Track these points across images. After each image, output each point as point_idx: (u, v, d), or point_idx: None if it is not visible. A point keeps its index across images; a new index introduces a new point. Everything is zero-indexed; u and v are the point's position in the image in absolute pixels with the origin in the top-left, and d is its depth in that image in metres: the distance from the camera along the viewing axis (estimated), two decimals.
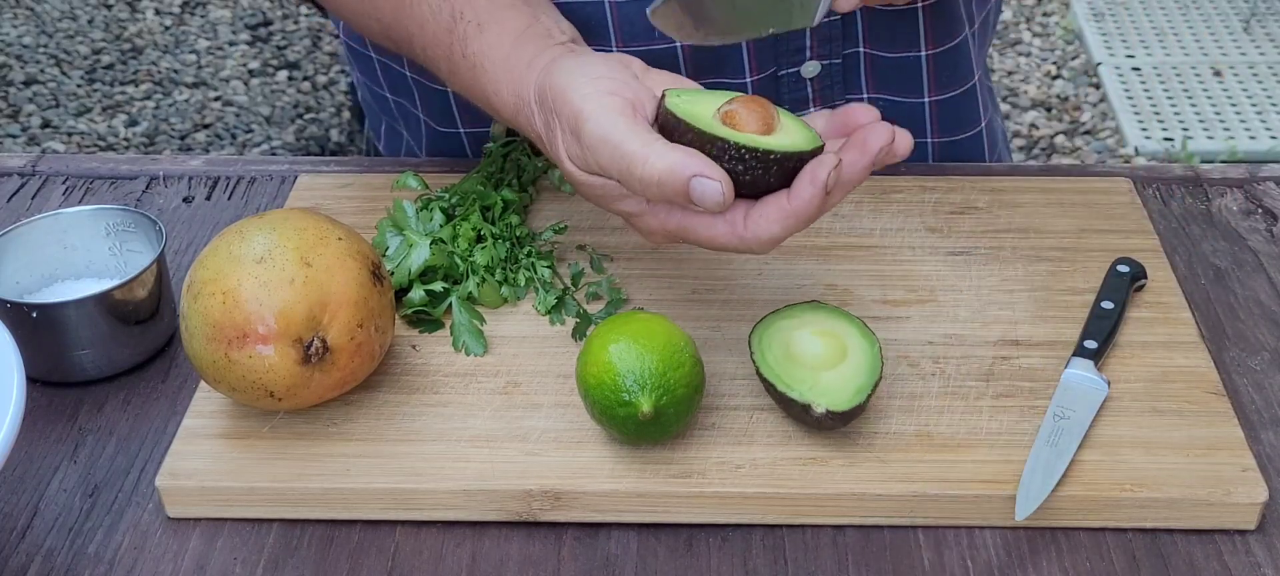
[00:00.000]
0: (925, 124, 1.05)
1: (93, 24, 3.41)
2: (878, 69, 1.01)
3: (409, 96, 1.07)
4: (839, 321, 0.79)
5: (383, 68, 1.07)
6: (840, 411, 0.73)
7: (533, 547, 0.74)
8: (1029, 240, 0.93)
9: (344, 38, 1.10)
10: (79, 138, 3.01)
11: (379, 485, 0.75)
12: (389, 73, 1.07)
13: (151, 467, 0.79)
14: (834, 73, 1.00)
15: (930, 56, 1.01)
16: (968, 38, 1.04)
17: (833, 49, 0.99)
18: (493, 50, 0.80)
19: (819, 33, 0.98)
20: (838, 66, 1.00)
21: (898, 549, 0.74)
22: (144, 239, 0.88)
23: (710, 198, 0.67)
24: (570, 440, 0.77)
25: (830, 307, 0.81)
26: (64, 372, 0.84)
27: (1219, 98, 3.02)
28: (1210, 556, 0.73)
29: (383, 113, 1.13)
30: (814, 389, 0.74)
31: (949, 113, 1.05)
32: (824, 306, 0.81)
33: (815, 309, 0.81)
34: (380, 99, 1.11)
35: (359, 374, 0.78)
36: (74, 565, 0.73)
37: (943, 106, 1.04)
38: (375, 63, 1.08)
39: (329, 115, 3.11)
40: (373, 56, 1.07)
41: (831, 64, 1.00)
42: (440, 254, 0.88)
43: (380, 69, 1.08)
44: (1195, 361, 0.83)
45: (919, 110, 1.04)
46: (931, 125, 1.05)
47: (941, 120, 1.05)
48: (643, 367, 0.73)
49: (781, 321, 0.80)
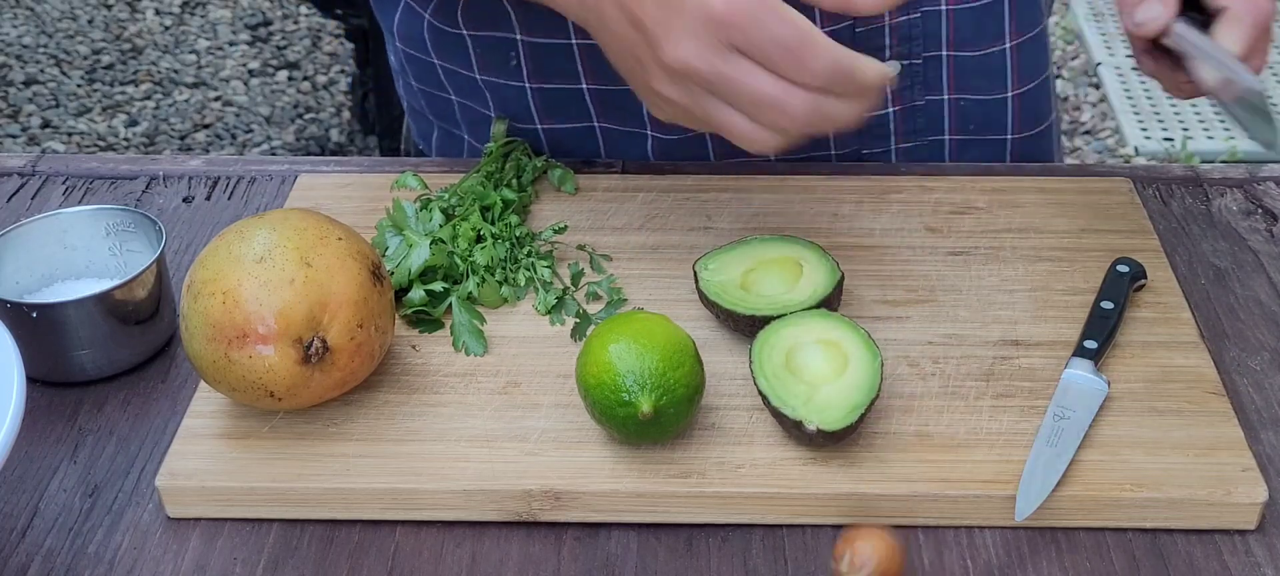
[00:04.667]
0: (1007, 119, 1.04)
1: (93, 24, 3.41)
2: (960, 69, 1.01)
3: (480, 99, 1.06)
4: (844, 331, 0.79)
5: (448, 73, 1.06)
6: (832, 431, 0.73)
7: (533, 547, 0.74)
8: (1029, 240, 0.93)
9: (399, 44, 1.08)
10: (79, 138, 3.01)
11: (379, 485, 0.75)
12: (454, 78, 1.06)
13: (151, 467, 0.79)
14: (914, 72, 1.00)
15: (1014, 48, 1.01)
16: (1045, 28, 1.03)
17: (912, 48, 0.99)
18: None
19: (899, 31, 0.98)
20: (918, 66, 1.00)
21: None
22: (144, 239, 0.88)
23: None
24: (570, 440, 0.77)
25: (837, 316, 0.80)
26: (64, 372, 0.84)
27: None
28: (1210, 556, 0.73)
29: (440, 118, 1.12)
30: (808, 405, 0.74)
31: (1029, 107, 1.05)
32: (831, 315, 0.80)
33: (822, 316, 0.80)
34: (440, 103, 1.10)
35: (359, 374, 0.78)
36: (74, 565, 0.73)
37: (1024, 100, 1.04)
38: (437, 68, 1.06)
39: (329, 115, 3.11)
40: (434, 62, 1.06)
41: (912, 64, 0.99)
42: (440, 254, 0.88)
43: (443, 74, 1.06)
44: (1195, 361, 0.83)
45: (1001, 106, 1.04)
46: (1013, 121, 1.05)
47: (1022, 114, 1.05)
48: (643, 367, 0.73)
49: (786, 329, 0.79)
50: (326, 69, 3.26)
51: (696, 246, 0.92)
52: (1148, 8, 0.82)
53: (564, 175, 0.99)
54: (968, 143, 1.04)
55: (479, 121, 1.08)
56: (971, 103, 1.02)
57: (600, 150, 1.05)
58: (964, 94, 1.02)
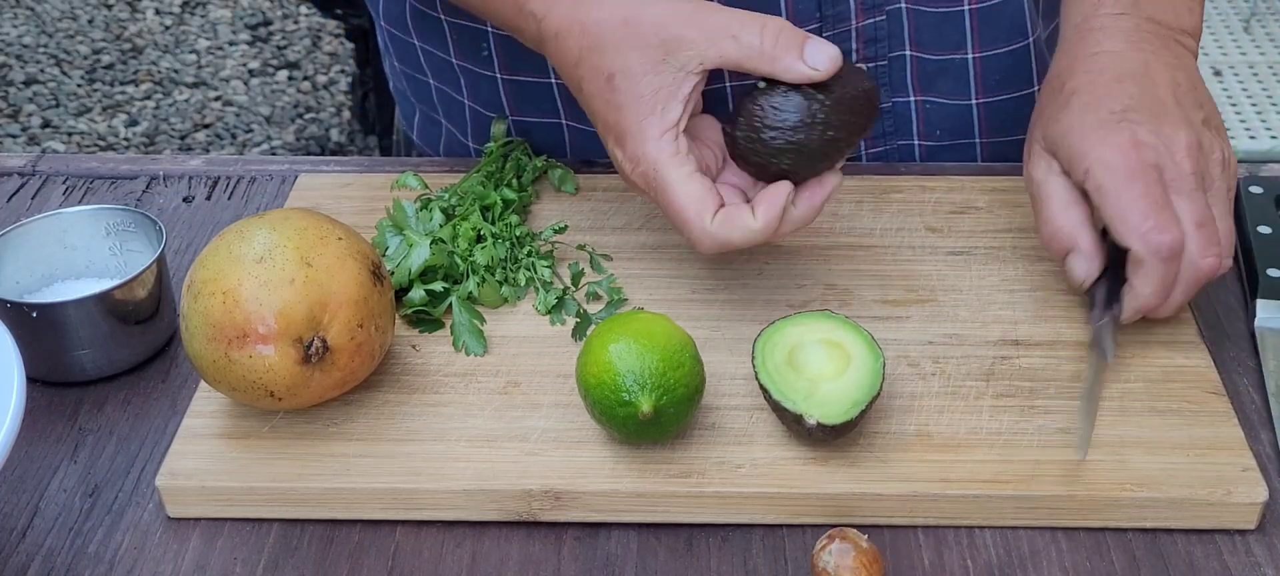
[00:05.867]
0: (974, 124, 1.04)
1: (93, 24, 3.41)
2: (923, 70, 1.01)
3: (455, 84, 1.07)
4: (847, 332, 0.79)
5: (426, 55, 1.07)
6: (832, 425, 0.73)
7: (533, 547, 0.74)
8: (1029, 240, 0.93)
9: (383, 23, 1.09)
10: (79, 138, 3.01)
11: (379, 485, 0.75)
12: (432, 60, 1.07)
13: (151, 467, 0.79)
14: (880, 74, 1.00)
15: (978, 60, 1.01)
16: (1028, 47, 1.02)
17: (878, 50, 0.99)
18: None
19: (865, 33, 0.98)
20: (884, 68, 1.00)
21: (898, 549, 0.74)
22: (144, 239, 0.88)
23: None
24: (570, 440, 0.77)
25: (841, 317, 0.80)
26: (64, 372, 0.84)
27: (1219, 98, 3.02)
28: (1210, 556, 0.73)
29: (420, 101, 1.13)
30: (809, 400, 0.74)
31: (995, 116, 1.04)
32: (834, 316, 0.80)
33: (825, 317, 0.80)
34: (421, 86, 1.11)
35: (359, 374, 0.78)
36: (74, 565, 0.73)
37: (989, 110, 1.04)
38: (418, 50, 1.07)
39: (329, 115, 3.11)
40: (415, 44, 1.07)
41: (877, 66, 0.99)
42: (440, 254, 0.88)
43: (423, 56, 1.07)
44: (1195, 361, 0.83)
45: (966, 112, 1.04)
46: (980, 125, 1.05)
47: (988, 121, 1.05)
48: (643, 367, 0.73)
49: (789, 328, 0.79)
50: (326, 69, 3.26)
51: None
52: (1077, 264, 0.83)
53: (564, 175, 0.99)
54: (938, 149, 1.04)
55: (453, 106, 1.08)
56: (934, 105, 1.02)
57: (567, 148, 1.05)
58: (929, 96, 1.02)
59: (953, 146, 1.05)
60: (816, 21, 0.96)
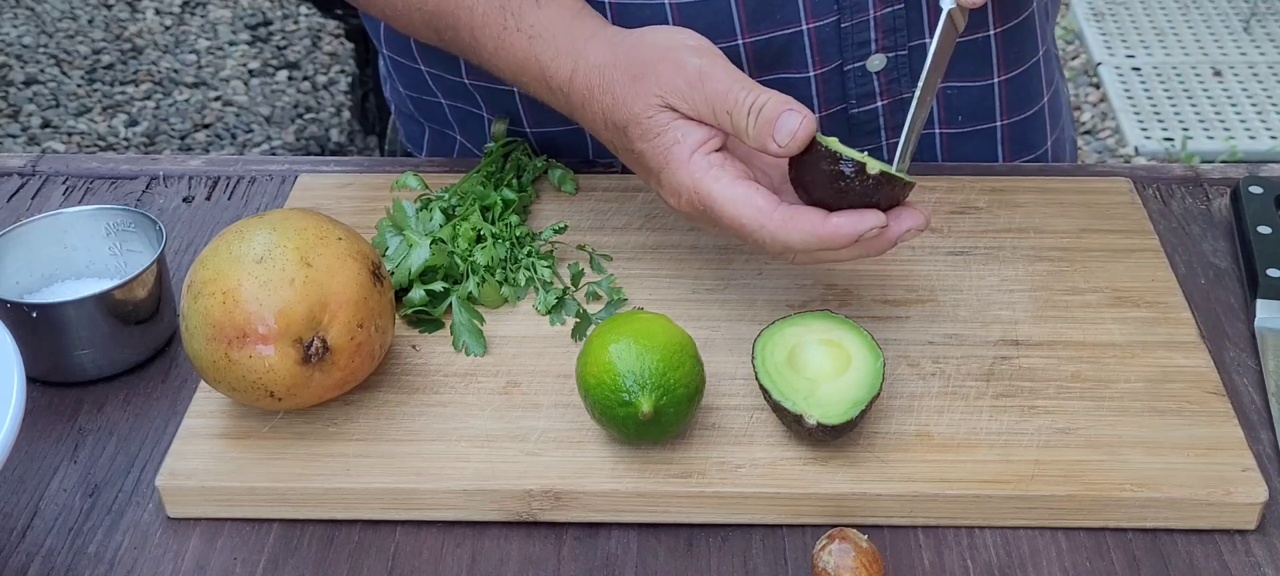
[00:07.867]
0: (994, 105, 1.04)
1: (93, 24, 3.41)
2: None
3: (470, 100, 1.06)
4: (847, 332, 0.79)
5: (435, 79, 1.07)
6: (832, 425, 0.73)
7: (533, 547, 0.74)
8: (1029, 240, 0.93)
9: (386, 51, 1.09)
10: (79, 138, 3.01)
11: (379, 485, 0.75)
12: (442, 82, 1.07)
13: (151, 467, 0.79)
14: (900, 65, 1.00)
15: (999, 35, 1.01)
16: (1033, 15, 1.03)
17: (898, 40, 0.99)
18: (553, 23, 0.86)
19: (884, 23, 0.98)
20: (904, 58, 1.00)
21: (898, 549, 0.74)
22: (144, 239, 0.88)
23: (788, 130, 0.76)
24: (570, 440, 0.77)
25: (841, 318, 0.80)
26: (64, 372, 0.84)
27: (1219, 98, 3.02)
28: (1210, 556, 0.73)
29: (430, 121, 1.13)
30: (809, 400, 0.74)
31: (1017, 91, 1.05)
32: (834, 316, 0.80)
33: (825, 317, 0.80)
34: (431, 107, 1.10)
35: (359, 374, 0.78)
36: (74, 565, 0.73)
37: (1011, 85, 1.04)
38: (425, 75, 1.07)
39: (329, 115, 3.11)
40: (422, 69, 1.07)
41: (898, 56, 0.99)
42: (440, 254, 0.88)
43: (431, 80, 1.07)
44: (1195, 361, 0.83)
45: (988, 92, 1.04)
46: (1001, 107, 1.05)
47: (1010, 100, 1.05)
48: (643, 367, 0.73)
49: (789, 328, 0.79)
50: (326, 69, 3.26)
51: (696, 246, 0.93)
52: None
53: (564, 175, 0.99)
54: (959, 137, 1.04)
55: (471, 120, 1.08)
56: (957, 90, 1.02)
57: (589, 153, 1.05)
58: (950, 81, 1.02)
59: (974, 133, 1.04)
60: (835, 13, 0.95)
